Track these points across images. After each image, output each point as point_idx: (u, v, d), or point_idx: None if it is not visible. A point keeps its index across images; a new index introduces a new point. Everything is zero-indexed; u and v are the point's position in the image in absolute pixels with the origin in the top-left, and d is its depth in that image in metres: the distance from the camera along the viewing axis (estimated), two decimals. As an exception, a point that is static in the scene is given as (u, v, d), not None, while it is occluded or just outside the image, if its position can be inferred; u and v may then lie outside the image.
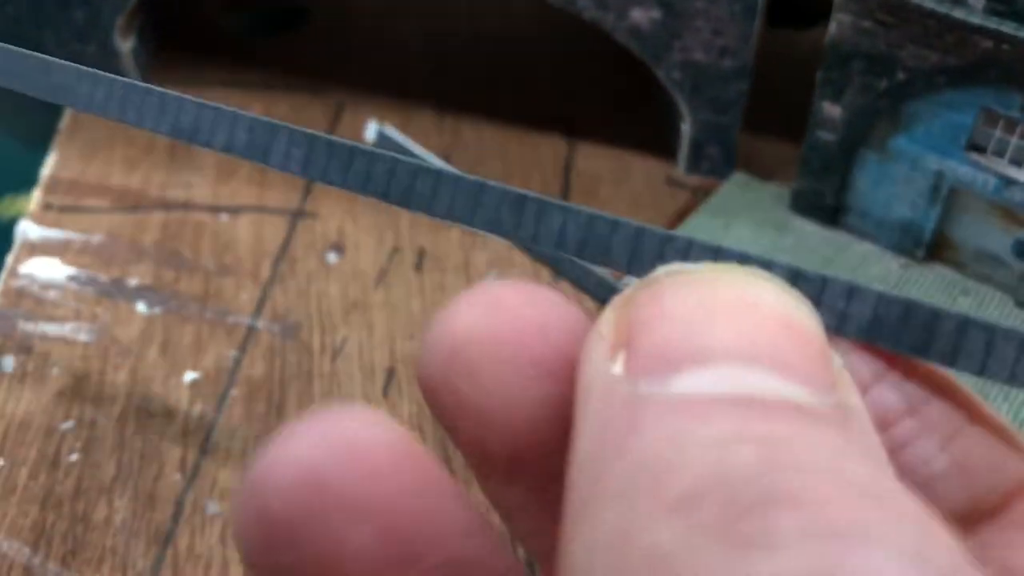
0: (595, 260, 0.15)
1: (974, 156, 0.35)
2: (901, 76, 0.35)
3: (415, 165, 0.15)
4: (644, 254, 0.15)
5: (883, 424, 0.14)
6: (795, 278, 0.14)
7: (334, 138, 0.15)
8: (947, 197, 0.36)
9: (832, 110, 0.37)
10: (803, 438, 0.12)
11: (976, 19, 0.32)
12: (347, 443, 0.13)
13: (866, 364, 0.14)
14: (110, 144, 0.46)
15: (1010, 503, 0.14)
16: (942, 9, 0.32)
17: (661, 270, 0.14)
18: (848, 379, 0.14)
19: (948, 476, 0.14)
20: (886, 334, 0.14)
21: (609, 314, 0.14)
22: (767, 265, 0.14)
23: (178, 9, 0.53)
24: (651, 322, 0.13)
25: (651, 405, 0.12)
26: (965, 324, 0.14)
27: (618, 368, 0.13)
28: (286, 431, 0.13)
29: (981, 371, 0.14)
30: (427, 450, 0.14)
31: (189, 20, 0.53)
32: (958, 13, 0.32)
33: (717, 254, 0.15)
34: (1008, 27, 0.31)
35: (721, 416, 0.12)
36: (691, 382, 0.12)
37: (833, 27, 0.35)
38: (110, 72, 0.16)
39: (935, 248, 0.38)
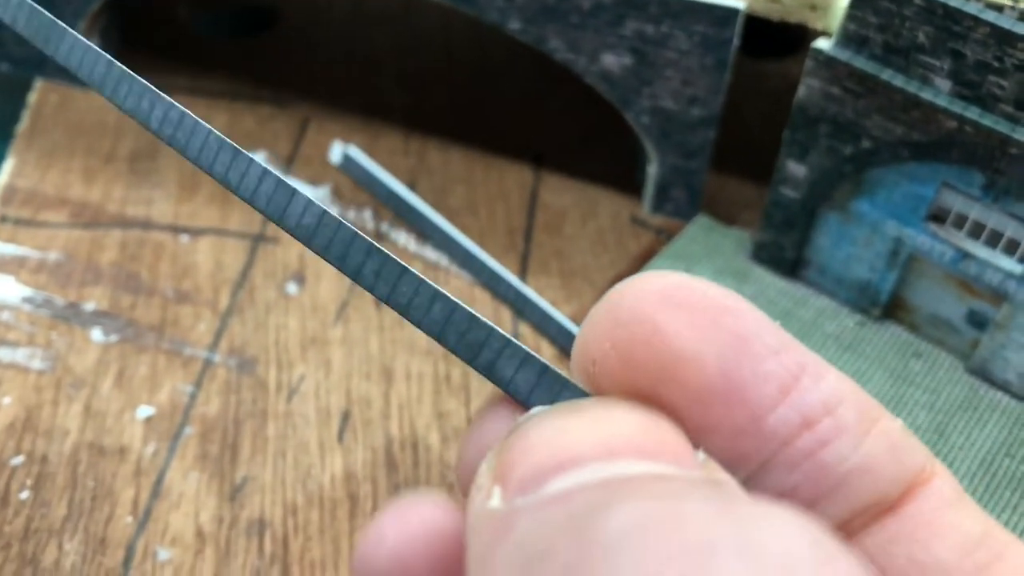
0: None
1: (933, 227, 0.35)
2: (866, 144, 0.35)
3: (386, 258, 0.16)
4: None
5: (807, 423, 0.15)
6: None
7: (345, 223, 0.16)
8: (905, 262, 0.37)
9: (797, 169, 0.37)
10: (680, 491, 0.13)
11: (942, 101, 0.32)
12: (414, 534, 0.17)
13: (780, 371, 0.15)
14: (69, 152, 0.45)
15: (911, 495, 0.16)
16: (910, 88, 0.32)
17: (522, 418, 0.15)
18: (715, 464, 0.15)
19: (859, 472, 0.15)
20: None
21: (484, 466, 0.15)
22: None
23: (143, 11, 0.51)
24: (518, 455, 0.14)
25: (524, 510, 0.13)
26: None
27: (495, 501, 0.14)
28: (375, 522, 0.17)
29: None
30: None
31: (154, 22, 0.51)
32: (925, 93, 0.32)
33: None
34: (972, 112, 0.32)
35: (590, 492, 0.13)
36: (560, 484, 0.13)
37: (802, 90, 0.35)
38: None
39: (891, 308, 0.39)
